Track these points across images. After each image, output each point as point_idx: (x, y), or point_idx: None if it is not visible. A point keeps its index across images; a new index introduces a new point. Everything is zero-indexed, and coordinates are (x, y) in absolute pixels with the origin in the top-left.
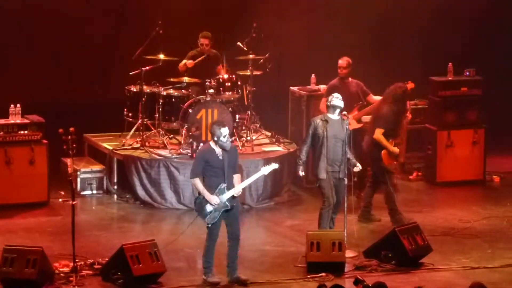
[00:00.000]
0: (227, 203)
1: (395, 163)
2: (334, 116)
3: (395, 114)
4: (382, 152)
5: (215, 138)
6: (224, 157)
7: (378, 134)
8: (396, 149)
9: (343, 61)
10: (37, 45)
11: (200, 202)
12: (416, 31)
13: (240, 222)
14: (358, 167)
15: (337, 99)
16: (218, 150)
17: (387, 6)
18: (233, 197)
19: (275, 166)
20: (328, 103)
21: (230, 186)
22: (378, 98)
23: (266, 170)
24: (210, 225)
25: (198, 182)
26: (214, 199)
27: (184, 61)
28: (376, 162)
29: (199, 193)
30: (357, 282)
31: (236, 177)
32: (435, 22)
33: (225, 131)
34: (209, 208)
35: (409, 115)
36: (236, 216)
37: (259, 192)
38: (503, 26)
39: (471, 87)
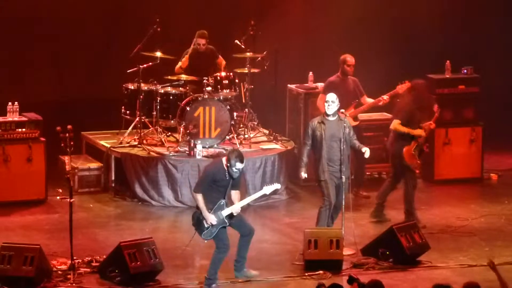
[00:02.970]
0: (225, 220)
1: (418, 162)
2: (331, 117)
3: (411, 107)
4: (404, 149)
5: (228, 164)
6: (230, 177)
7: (395, 124)
8: (419, 131)
9: (352, 59)
10: (35, 42)
11: (198, 217)
12: (414, 29)
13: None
14: (366, 152)
15: (332, 105)
16: (227, 170)
17: (384, 4)
18: (231, 215)
19: (277, 186)
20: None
21: (228, 203)
22: (370, 100)
23: (268, 189)
24: (207, 240)
25: (200, 198)
26: (211, 218)
27: (180, 63)
28: (397, 159)
29: (197, 208)
30: (351, 280)
31: (235, 193)
32: (433, 20)
33: (239, 165)
34: (206, 224)
35: (432, 124)
36: (241, 219)
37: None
38: (500, 24)
39: (469, 85)
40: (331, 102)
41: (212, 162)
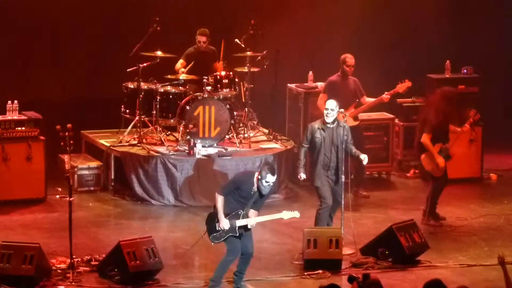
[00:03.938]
0: (236, 230)
1: (442, 166)
2: (330, 124)
3: (442, 119)
4: (422, 156)
5: (259, 177)
6: (255, 193)
7: (426, 138)
8: (440, 160)
9: (352, 59)
10: (34, 41)
11: (212, 218)
12: (414, 29)
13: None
14: (365, 159)
15: (332, 112)
16: (255, 185)
17: (385, 4)
18: (245, 227)
19: (296, 215)
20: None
21: (245, 215)
22: (370, 99)
23: (286, 215)
24: (214, 243)
25: (220, 200)
26: (224, 222)
27: (180, 63)
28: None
29: (214, 208)
30: (351, 279)
31: (253, 213)
32: (433, 19)
33: (270, 178)
34: (217, 227)
35: (466, 127)
36: (250, 235)
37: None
38: (500, 23)
39: (469, 84)
40: (331, 110)
41: (245, 171)
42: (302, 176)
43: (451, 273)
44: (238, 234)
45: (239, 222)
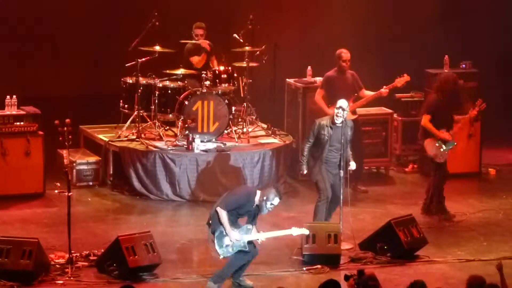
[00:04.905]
0: (246, 245)
1: (444, 152)
2: (338, 123)
3: (442, 103)
4: (425, 141)
5: (264, 198)
6: (256, 211)
7: (425, 120)
8: (445, 135)
9: (347, 54)
10: (33, 36)
11: (221, 233)
12: (413, 24)
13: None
14: (352, 166)
15: (343, 112)
16: (256, 204)
17: None
18: (253, 242)
19: (305, 232)
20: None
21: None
22: (369, 92)
23: (295, 231)
24: (221, 257)
25: (225, 215)
26: (235, 235)
27: (196, 58)
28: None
29: (220, 223)
30: (347, 277)
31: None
32: (432, 14)
33: (277, 202)
34: (226, 241)
35: (473, 112)
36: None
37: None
38: (499, 18)
39: (467, 79)
40: (341, 110)
41: (247, 190)
42: (305, 171)
43: (450, 268)
44: (248, 249)
45: (248, 237)
